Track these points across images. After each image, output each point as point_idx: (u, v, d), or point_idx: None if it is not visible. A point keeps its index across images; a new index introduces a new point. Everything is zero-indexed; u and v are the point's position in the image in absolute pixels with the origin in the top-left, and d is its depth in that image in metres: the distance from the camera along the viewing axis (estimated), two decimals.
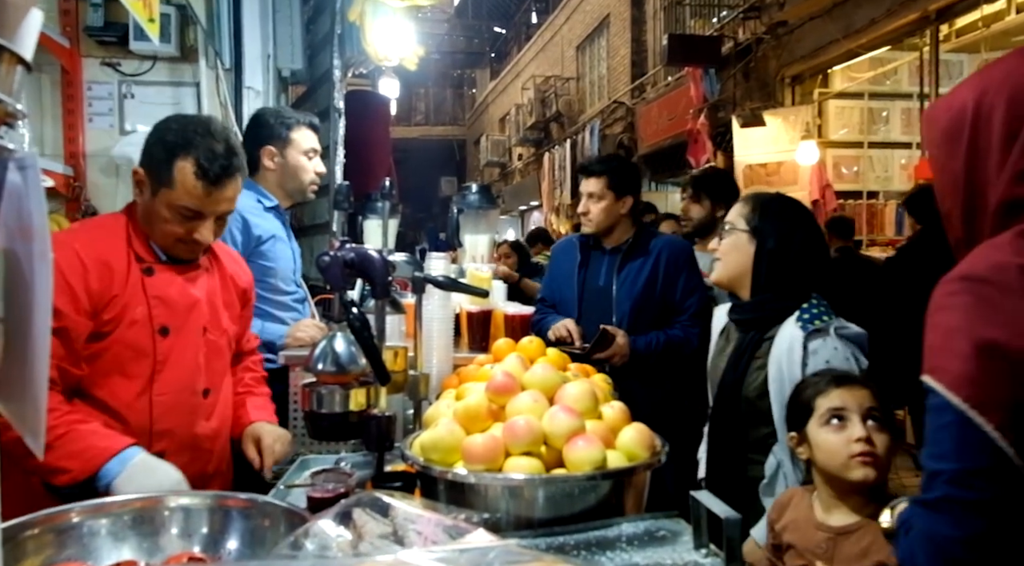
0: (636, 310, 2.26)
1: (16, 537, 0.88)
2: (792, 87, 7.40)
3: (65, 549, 0.94)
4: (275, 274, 2.12)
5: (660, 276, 2.28)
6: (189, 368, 1.43)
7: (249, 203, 2.12)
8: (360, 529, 0.86)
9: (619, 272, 2.31)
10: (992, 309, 0.71)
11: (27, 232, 0.56)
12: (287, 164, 2.17)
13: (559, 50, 14.44)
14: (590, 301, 2.35)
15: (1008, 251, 0.74)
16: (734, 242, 1.54)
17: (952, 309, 0.74)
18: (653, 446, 1.12)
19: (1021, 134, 0.75)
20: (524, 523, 1.02)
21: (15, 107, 0.56)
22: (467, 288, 1.61)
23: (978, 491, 0.69)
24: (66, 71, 2.65)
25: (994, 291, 0.72)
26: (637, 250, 2.33)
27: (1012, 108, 0.76)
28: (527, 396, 1.13)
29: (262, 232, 2.09)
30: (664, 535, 0.96)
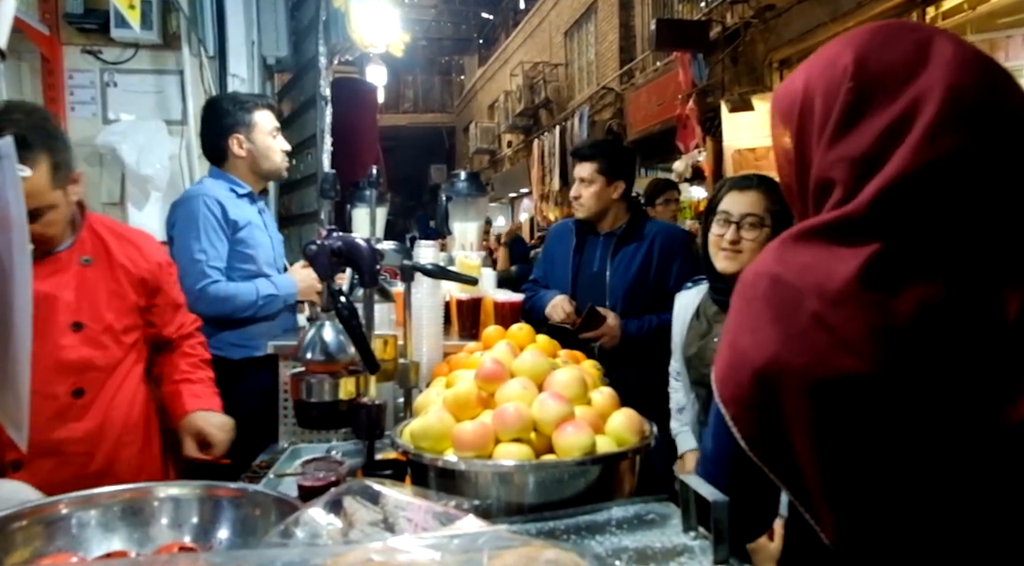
0: (629, 295, 2.26)
1: (4, 529, 0.88)
2: (780, 71, 7.39)
3: (54, 540, 0.94)
4: (255, 260, 2.13)
5: (654, 262, 2.28)
6: (51, 370, 1.35)
7: (222, 192, 2.12)
8: (350, 517, 0.86)
9: (613, 257, 2.31)
10: (744, 316, 0.80)
11: (5, 222, 0.56)
12: (256, 148, 2.16)
13: (547, 36, 14.36)
14: (584, 286, 2.35)
15: (771, 259, 0.80)
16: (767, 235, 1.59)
17: (731, 309, 0.83)
18: (642, 431, 1.13)
19: (831, 120, 0.78)
20: (515, 509, 1.03)
21: None
22: (456, 276, 1.61)
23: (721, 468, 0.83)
24: (46, 59, 2.61)
25: (749, 297, 0.80)
26: (631, 235, 2.33)
27: (827, 96, 0.79)
28: (516, 383, 1.13)
29: (238, 218, 2.09)
30: (653, 519, 0.97)
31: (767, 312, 0.77)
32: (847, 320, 0.72)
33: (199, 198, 2.06)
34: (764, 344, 0.76)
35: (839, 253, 0.74)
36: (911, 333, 0.71)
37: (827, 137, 0.78)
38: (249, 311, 2.05)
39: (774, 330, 0.76)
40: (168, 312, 1.63)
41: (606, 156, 2.32)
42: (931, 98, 0.73)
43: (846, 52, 0.79)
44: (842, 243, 0.74)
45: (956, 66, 0.74)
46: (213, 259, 2.01)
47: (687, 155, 8.16)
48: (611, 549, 0.87)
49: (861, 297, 0.72)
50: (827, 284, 0.73)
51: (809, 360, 0.73)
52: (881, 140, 0.75)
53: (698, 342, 1.66)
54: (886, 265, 0.72)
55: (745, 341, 0.78)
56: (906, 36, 0.79)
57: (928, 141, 0.72)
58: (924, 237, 0.73)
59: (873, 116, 0.76)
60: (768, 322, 0.76)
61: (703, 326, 1.68)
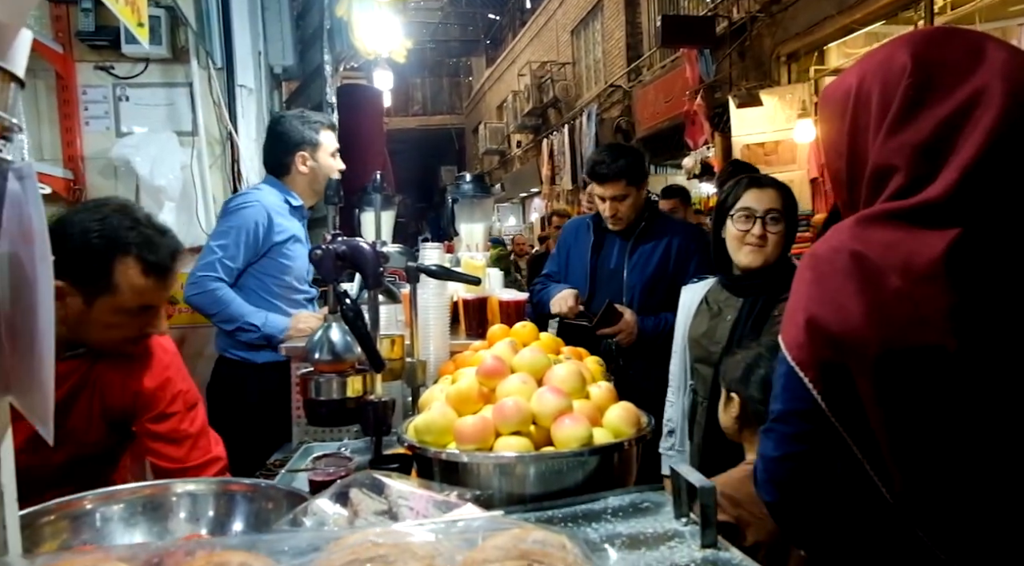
0: (646, 293, 2.27)
1: (33, 523, 0.94)
2: (788, 65, 7.37)
3: (80, 534, 0.99)
4: (291, 272, 2.20)
5: (672, 260, 2.29)
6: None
7: (277, 202, 2.21)
8: (356, 507, 0.90)
9: (631, 255, 2.32)
10: (821, 288, 0.87)
11: (28, 236, 0.61)
12: (320, 166, 2.25)
13: (554, 35, 14.37)
14: (601, 283, 2.36)
15: (847, 236, 0.87)
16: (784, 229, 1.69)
17: (801, 282, 0.90)
18: (639, 423, 1.17)
19: (888, 116, 0.86)
20: (516, 499, 1.07)
21: (11, 121, 0.60)
22: (459, 276, 1.65)
23: (793, 426, 0.90)
24: (60, 76, 2.69)
25: (827, 271, 0.86)
26: (650, 233, 2.34)
27: (884, 92, 0.87)
28: (516, 378, 1.17)
29: (284, 231, 2.17)
30: (648, 506, 1.00)
31: (849, 285, 0.83)
32: (930, 297, 0.79)
33: (252, 204, 2.15)
34: (846, 314, 0.83)
35: (922, 235, 0.81)
36: (989, 313, 0.79)
37: (887, 127, 0.86)
38: (229, 326, 2.10)
39: (857, 301, 0.83)
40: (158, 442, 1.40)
41: (628, 171, 2.30)
42: (992, 92, 0.81)
43: (902, 52, 0.87)
44: (925, 226, 0.81)
45: (1013, 66, 0.83)
46: (229, 259, 2.08)
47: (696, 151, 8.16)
48: (605, 535, 0.91)
49: (944, 277, 0.79)
50: (912, 263, 0.81)
51: (890, 332, 0.81)
52: (942, 129, 0.83)
53: (708, 322, 1.75)
54: (968, 248, 0.79)
55: (823, 311, 0.85)
56: (959, 38, 0.87)
57: (996, 131, 0.80)
58: (1003, 222, 0.80)
59: (933, 107, 0.84)
60: (851, 294, 0.83)
61: (714, 309, 1.76)
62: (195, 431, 1.41)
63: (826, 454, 0.89)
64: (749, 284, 1.71)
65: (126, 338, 1.29)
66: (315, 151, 2.24)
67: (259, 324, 2.10)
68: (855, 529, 0.92)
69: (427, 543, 0.62)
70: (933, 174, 0.83)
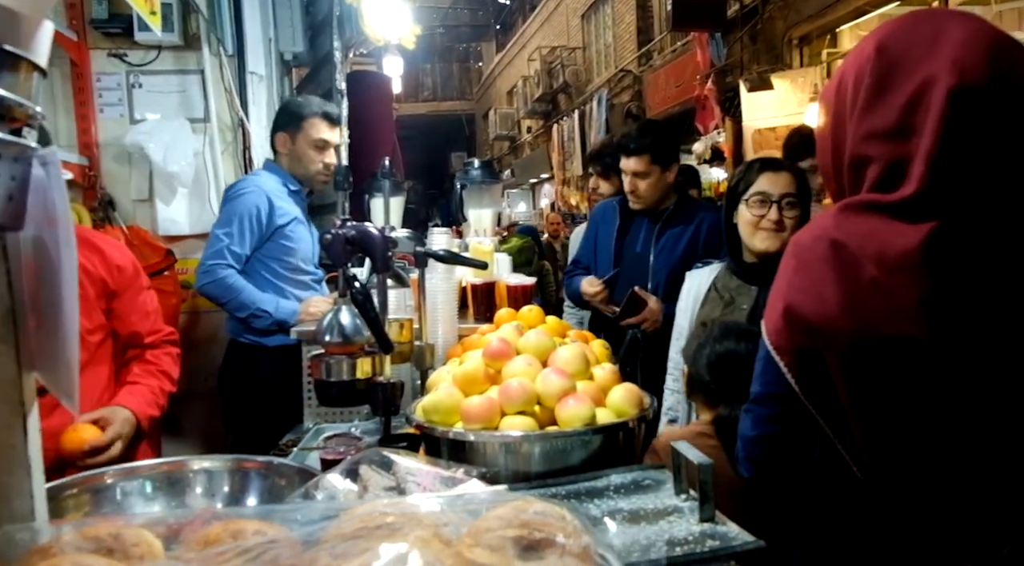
0: (673, 278, 2.19)
1: (57, 496, 0.98)
2: (800, 48, 7.29)
3: (102, 507, 1.03)
4: (296, 254, 2.23)
5: (700, 245, 2.24)
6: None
7: (275, 186, 2.23)
8: (366, 482, 0.94)
9: (658, 239, 2.28)
10: (801, 275, 0.89)
11: (52, 220, 0.64)
12: (295, 151, 2.26)
13: (564, 19, 14.26)
14: (627, 267, 2.33)
15: (830, 223, 0.88)
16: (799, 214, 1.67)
17: (783, 268, 0.92)
18: (642, 403, 1.19)
19: (858, 103, 0.87)
20: (521, 477, 1.10)
21: (35, 110, 0.63)
22: (466, 260, 1.68)
23: (768, 408, 0.95)
24: (75, 64, 2.72)
25: (808, 259, 0.88)
26: (678, 218, 2.29)
27: (855, 84, 0.88)
28: (521, 360, 1.20)
29: (285, 214, 2.19)
30: (649, 484, 1.03)
31: (828, 273, 0.85)
32: (903, 288, 0.81)
33: (251, 188, 2.18)
34: (822, 302, 0.85)
35: (899, 227, 0.82)
36: (961, 304, 0.80)
37: (857, 116, 0.88)
38: (241, 313, 2.13)
39: (833, 290, 0.85)
40: (131, 316, 1.63)
41: (657, 145, 2.26)
42: (941, 75, 0.81)
43: (871, 40, 0.89)
44: (903, 218, 0.82)
45: (962, 44, 0.82)
46: (235, 245, 2.11)
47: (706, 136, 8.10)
48: (606, 510, 0.94)
49: (919, 267, 0.80)
50: (887, 252, 0.82)
51: (864, 321, 0.83)
52: (902, 115, 0.83)
53: (720, 311, 1.73)
54: (943, 240, 0.80)
55: (802, 298, 0.87)
56: (925, 22, 0.88)
57: (946, 115, 0.80)
58: (978, 213, 0.81)
59: (892, 94, 0.85)
60: (828, 283, 0.85)
61: (725, 297, 1.74)
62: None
63: (801, 434, 0.94)
64: (765, 271, 1.63)
65: None
66: (295, 135, 2.24)
67: (271, 310, 2.13)
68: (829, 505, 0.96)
69: (433, 513, 0.65)
70: (905, 163, 0.83)
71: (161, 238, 2.68)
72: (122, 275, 1.61)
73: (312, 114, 2.25)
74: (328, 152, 2.29)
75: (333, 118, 2.30)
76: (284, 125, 2.27)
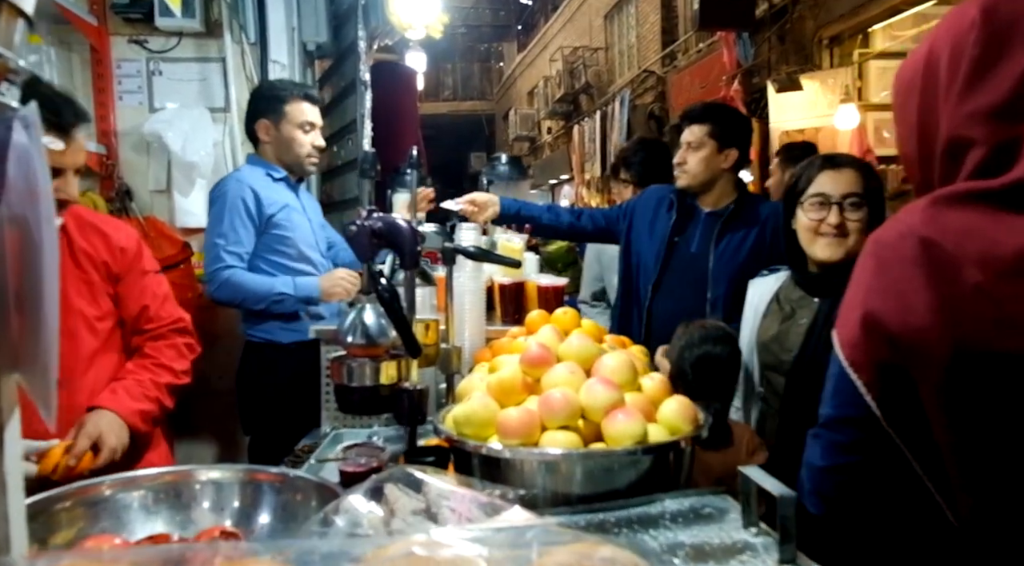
0: (735, 284, 1.92)
1: (48, 509, 0.88)
2: (830, 49, 7.12)
3: (98, 522, 0.94)
4: (293, 243, 2.14)
5: (767, 248, 1.96)
6: None
7: (258, 177, 2.13)
8: (392, 505, 0.83)
9: (718, 241, 2.02)
10: (884, 279, 0.76)
11: (34, 195, 0.53)
12: (281, 137, 2.16)
13: (587, 20, 14.14)
14: (677, 269, 2.08)
15: (917, 219, 0.76)
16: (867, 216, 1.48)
17: (861, 271, 0.80)
18: (696, 419, 1.07)
19: (958, 79, 0.75)
20: (561, 499, 0.99)
21: (17, 63, 0.53)
22: (499, 258, 1.57)
23: (842, 434, 0.82)
24: (95, 50, 2.65)
25: (892, 259, 0.76)
26: (741, 217, 2.02)
27: (953, 56, 0.77)
28: (563, 368, 1.08)
29: (273, 203, 2.10)
30: (710, 513, 0.91)
31: (917, 276, 0.72)
32: (1016, 296, 0.68)
33: (231, 184, 2.09)
34: (909, 310, 0.72)
35: (1007, 221, 0.70)
36: None
37: (958, 92, 0.76)
38: (260, 305, 2.04)
39: (924, 297, 0.72)
40: (131, 302, 1.52)
41: (720, 119, 2.06)
42: None
43: (971, 6, 0.76)
44: (1010, 210, 0.70)
45: None
46: (232, 244, 2.02)
47: None
48: (666, 545, 0.82)
49: None
50: (994, 254, 0.69)
51: (964, 333, 0.70)
52: (1016, 90, 0.71)
53: (778, 326, 1.56)
54: None
55: (884, 305, 0.75)
56: None
57: None
58: None
59: (1005, 64, 0.72)
60: (917, 287, 0.72)
61: (786, 310, 1.56)
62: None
63: (881, 467, 0.79)
64: (827, 282, 1.47)
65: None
66: (278, 120, 2.14)
67: (289, 291, 2.04)
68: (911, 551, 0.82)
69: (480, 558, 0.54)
70: (1017, 145, 0.71)
71: (178, 230, 2.60)
72: (124, 257, 1.51)
73: (293, 96, 2.15)
74: (315, 133, 2.20)
75: (314, 98, 2.21)
76: (264, 111, 2.16)
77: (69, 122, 1.30)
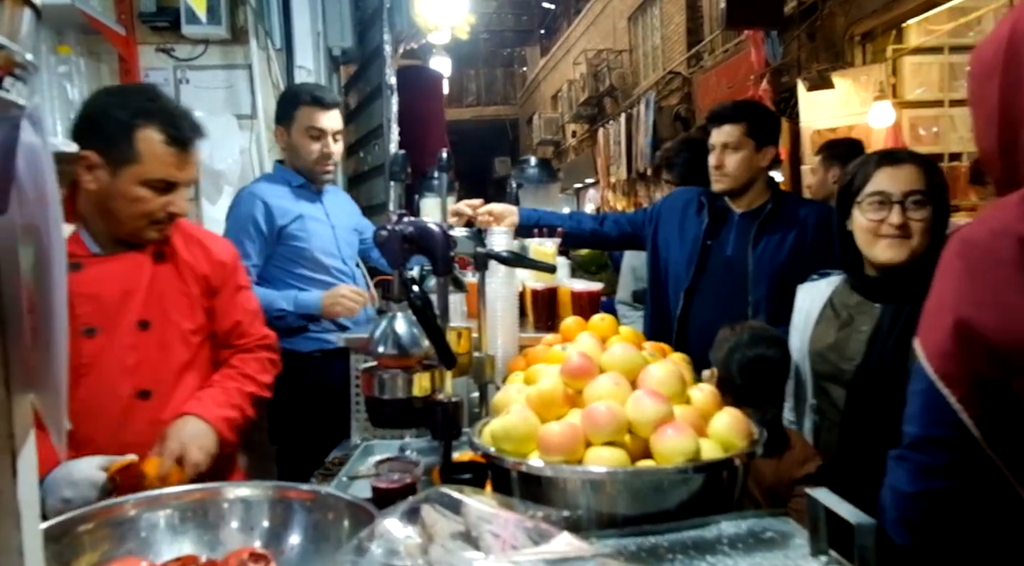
0: (777, 288, 1.85)
1: (71, 531, 0.84)
2: (863, 45, 6.96)
3: (123, 543, 0.90)
4: (308, 253, 2.10)
5: (808, 250, 1.87)
6: (116, 370, 1.29)
7: (275, 187, 2.10)
8: (430, 528, 0.77)
9: (755, 243, 1.94)
10: (977, 283, 0.69)
11: (43, 199, 0.49)
12: (291, 143, 2.12)
13: (610, 22, 14.05)
14: (713, 274, 1.98)
15: (1012, 214, 0.69)
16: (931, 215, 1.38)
17: (947, 274, 0.73)
18: (750, 433, 1.00)
19: None
20: (607, 521, 0.92)
21: (24, 57, 0.48)
22: (534, 263, 1.51)
23: (932, 456, 0.74)
24: (123, 59, 2.65)
25: (986, 260, 0.69)
26: (779, 217, 1.93)
27: None
28: (607, 379, 1.02)
29: (286, 214, 2.07)
30: (772, 537, 0.84)
31: (1018, 280, 0.65)
32: None
33: (243, 198, 2.08)
34: (1012, 317, 0.65)
35: None
36: None
37: None
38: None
39: None
40: (225, 316, 1.50)
41: (754, 117, 1.98)
42: None
43: None
44: None
45: None
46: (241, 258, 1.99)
47: None
48: None
49: None
50: None
51: None
52: None
53: (835, 334, 1.46)
54: None
55: (981, 312, 0.68)
56: None
57: None
58: None
59: None
60: (1020, 290, 0.65)
61: (843, 316, 1.46)
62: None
63: (977, 493, 0.72)
64: (889, 286, 1.39)
65: (152, 218, 1.30)
66: (289, 126, 2.11)
67: (289, 307, 2.02)
68: None
69: None
70: None
71: None
72: (223, 271, 1.50)
73: (301, 102, 2.09)
74: (325, 140, 2.11)
75: (325, 102, 2.12)
76: (280, 117, 2.14)
77: (188, 137, 1.32)
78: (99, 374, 1.28)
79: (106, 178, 1.27)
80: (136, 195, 1.27)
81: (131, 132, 1.26)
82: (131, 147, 1.25)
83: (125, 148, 1.25)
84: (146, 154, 1.26)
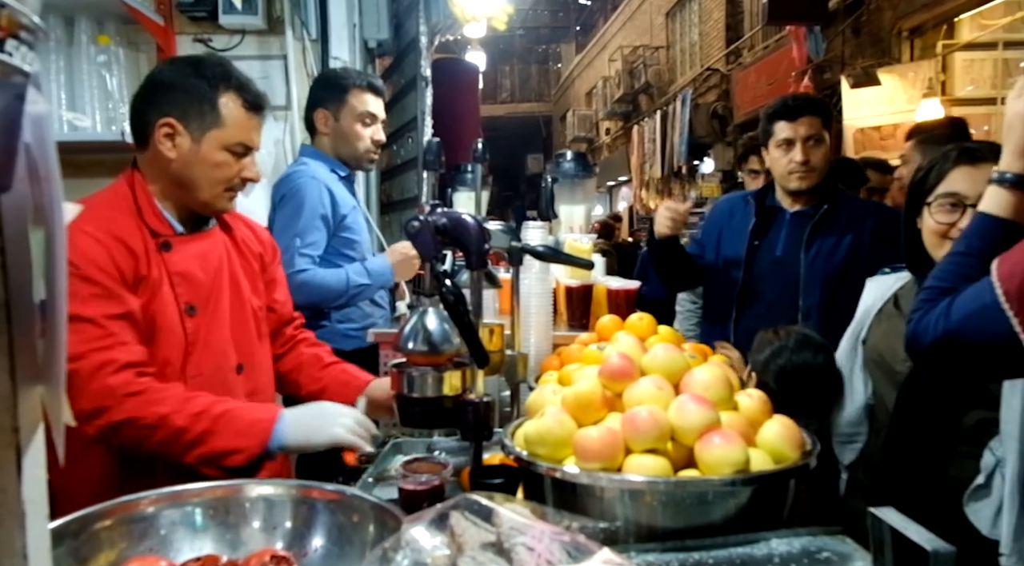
0: (831, 290, 1.75)
1: (88, 528, 0.81)
2: (911, 41, 6.72)
3: (143, 541, 0.87)
4: (358, 247, 2.03)
5: (866, 251, 1.76)
6: (220, 345, 1.31)
7: (326, 173, 2.02)
8: (459, 537, 0.72)
9: (808, 244, 1.83)
10: None
11: (48, 176, 0.45)
12: (340, 128, 2.04)
13: (647, 18, 13.87)
14: (762, 276, 1.88)
15: None
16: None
17: None
18: (803, 444, 0.93)
19: None
20: (646, 534, 0.87)
21: (31, 19, 0.44)
22: (571, 259, 1.45)
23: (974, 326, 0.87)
24: (161, 49, 2.66)
25: None
26: (834, 217, 1.82)
27: None
28: (648, 382, 0.96)
29: (343, 203, 2.00)
30: (829, 558, 0.78)
31: None
32: None
33: (306, 182, 1.97)
34: None
35: None
36: None
37: None
38: (340, 300, 1.94)
39: None
40: (278, 292, 1.54)
41: (825, 110, 1.87)
42: None
43: None
44: None
45: None
46: (307, 247, 1.92)
47: None
48: None
49: None
50: None
51: None
52: None
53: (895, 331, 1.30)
54: None
55: None
56: None
57: None
58: None
59: None
60: None
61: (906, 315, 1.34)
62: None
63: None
64: None
65: (229, 184, 1.31)
66: (339, 110, 2.02)
67: (366, 280, 1.93)
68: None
69: None
70: None
71: None
72: (271, 250, 1.53)
73: (355, 85, 2.02)
74: (376, 126, 2.07)
75: (377, 89, 2.08)
76: (324, 100, 2.05)
77: (262, 103, 1.34)
78: (203, 351, 1.29)
79: (187, 145, 1.26)
80: (218, 160, 1.28)
81: (216, 96, 1.27)
82: (215, 111, 1.26)
83: (209, 113, 1.26)
84: (228, 118, 1.28)
